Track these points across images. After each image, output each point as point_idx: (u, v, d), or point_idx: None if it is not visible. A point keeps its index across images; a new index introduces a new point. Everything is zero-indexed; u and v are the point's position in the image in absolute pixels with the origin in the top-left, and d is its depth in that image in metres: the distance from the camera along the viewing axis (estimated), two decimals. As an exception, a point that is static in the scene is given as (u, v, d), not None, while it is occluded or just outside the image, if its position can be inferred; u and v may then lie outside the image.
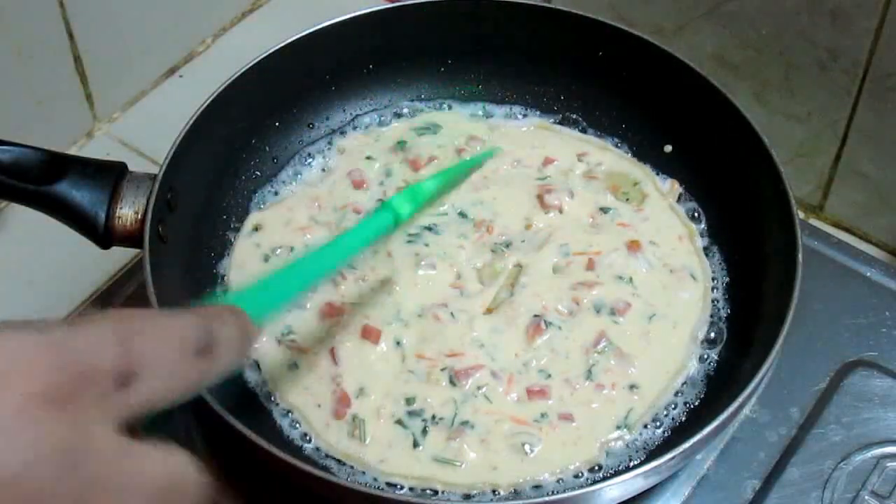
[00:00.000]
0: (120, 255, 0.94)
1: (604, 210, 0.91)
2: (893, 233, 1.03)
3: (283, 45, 0.93)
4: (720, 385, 0.81)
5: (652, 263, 0.88)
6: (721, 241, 0.90)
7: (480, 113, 1.00)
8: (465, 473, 0.77)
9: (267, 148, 0.96)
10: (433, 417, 0.79)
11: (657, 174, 0.95)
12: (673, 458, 0.71)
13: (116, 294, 0.96)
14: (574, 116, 0.99)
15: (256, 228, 0.90)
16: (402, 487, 0.76)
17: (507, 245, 0.89)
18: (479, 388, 0.80)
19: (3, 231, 1.02)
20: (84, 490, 0.41)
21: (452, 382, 0.80)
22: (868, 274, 0.95)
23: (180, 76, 1.15)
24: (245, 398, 0.81)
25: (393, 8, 0.98)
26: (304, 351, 0.82)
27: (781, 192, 0.83)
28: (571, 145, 0.97)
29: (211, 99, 0.88)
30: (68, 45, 1.00)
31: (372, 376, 0.81)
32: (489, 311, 0.84)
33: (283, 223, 0.91)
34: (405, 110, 1.00)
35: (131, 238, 0.80)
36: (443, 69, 1.01)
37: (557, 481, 0.77)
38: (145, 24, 1.08)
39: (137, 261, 0.96)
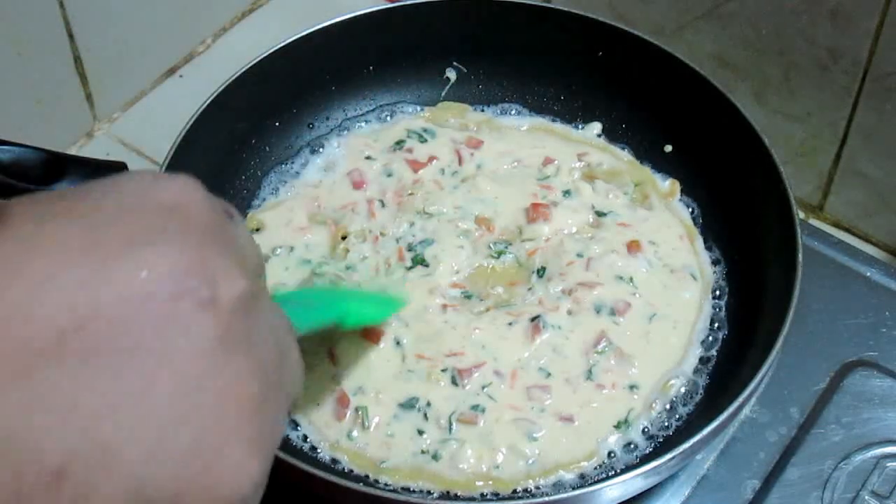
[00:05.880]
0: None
1: (604, 210, 0.91)
2: (893, 233, 1.03)
3: (283, 45, 0.93)
4: (720, 385, 0.81)
5: (652, 263, 0.88)
6: (721, 240, 0.90)
7: (481, 113, 1.00)
8: (466, 473, 0.77)
9: (267, 148, 0.96)
10: (433, 417, 0.79)
11: (657, 174, 0.95)
12: (673, 458, 0.71)
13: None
14: (574, 116, 0.99)
15: (256, 228, 0.90)
16: (401, 487, 0.76)
17: (507, 245, 0.89)
18: (482, 387, 0.80)
19: (3, 231, 1.02)
20: None
21: (454, 382, 0.80)
22: (868, 274, 0.95)
23: (180, 76, 1.15)
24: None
25: (393, 8, 0.98)
26: (303, 351, 0.82)
27: (781, 192, 0.83)
28: (571, 145, 0.97)
29: (211, 99, 0.88)
30: (68, 45, 1.00)
31: (372, 376, 0.81)
32: (489, 310, 0.84)
33: (283, 223, 0.91)
34: (405, 110, 1.00)
35: (131, 238, 0.80)
36: (443, 69, 1.01)
37: (557, 481, 0.77)
38: (145, 24, 1.08)
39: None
